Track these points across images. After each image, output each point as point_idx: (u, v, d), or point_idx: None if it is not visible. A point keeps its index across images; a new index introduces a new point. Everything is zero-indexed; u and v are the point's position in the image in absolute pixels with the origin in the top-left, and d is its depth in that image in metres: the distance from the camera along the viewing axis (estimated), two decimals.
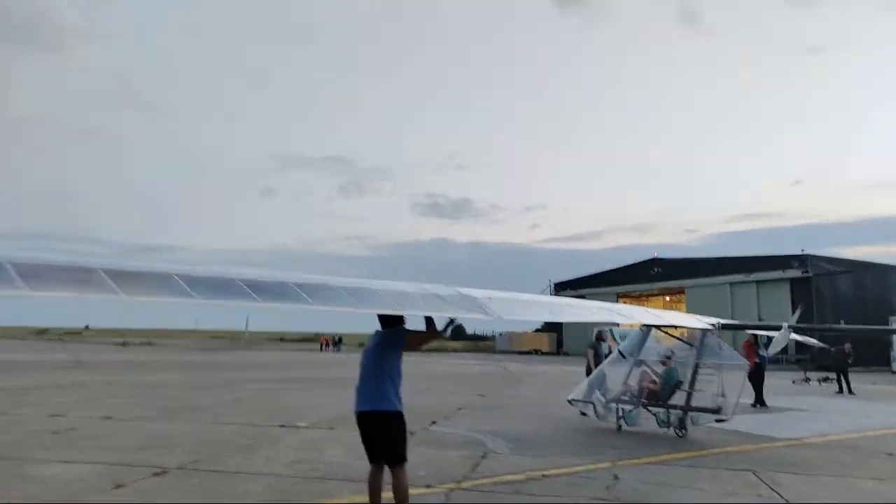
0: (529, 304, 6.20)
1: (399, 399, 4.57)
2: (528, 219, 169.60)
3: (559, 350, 62.79)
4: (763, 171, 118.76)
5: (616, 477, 6.48)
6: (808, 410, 13.26)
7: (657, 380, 9.43)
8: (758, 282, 47.01)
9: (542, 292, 67.92)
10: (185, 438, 8.28)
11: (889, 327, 28.65)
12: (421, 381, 19.94)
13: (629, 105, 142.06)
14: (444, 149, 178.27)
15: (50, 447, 7.56)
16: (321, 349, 57.07)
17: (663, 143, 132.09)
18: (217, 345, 63.53)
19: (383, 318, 4.71)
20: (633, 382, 9.67)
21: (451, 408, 12.25)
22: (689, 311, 53.97)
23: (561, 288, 66.57)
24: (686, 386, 9.15)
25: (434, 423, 10.17)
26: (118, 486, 5.66)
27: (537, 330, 71.62)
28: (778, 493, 5.89)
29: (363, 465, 6.79)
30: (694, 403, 9.07)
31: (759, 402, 13.50)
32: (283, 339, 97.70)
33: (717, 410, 8.92)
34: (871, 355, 32.96)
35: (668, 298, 63.16)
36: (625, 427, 9.58)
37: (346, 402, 12.92)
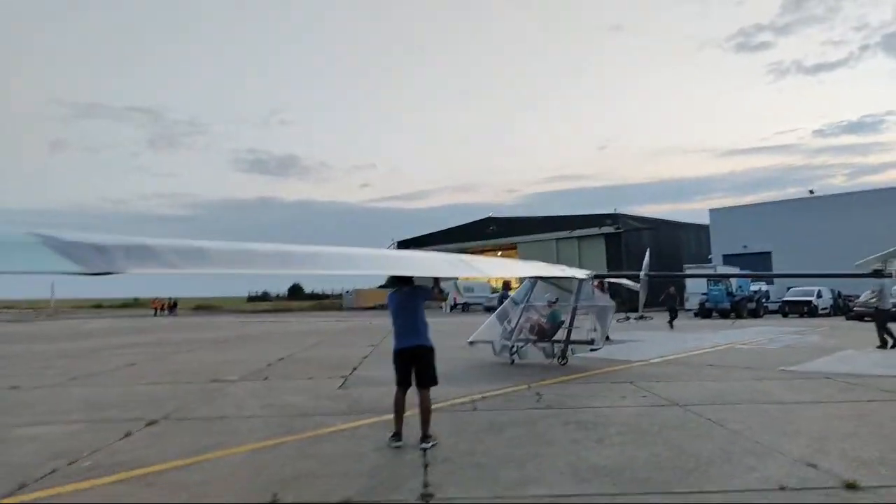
0: (492, 263, 7.62)
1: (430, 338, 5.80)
2: (358, 178, 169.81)
3: None
4: (573, 138, 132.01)
5: (538, 394, 8.22)
6: (643, 341, 16.42)
7: (544, 320, 11.43)
8: (579, 237, 53.06)
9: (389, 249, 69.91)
10: (128, 398, 8.53)
11: (720, 273, 34.92)
12: (306, 337, 20.60)
13: (453, 70, 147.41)
14: (266, 103, 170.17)
15: (2, 413, 7.49)
16: (155, 314, 53.76)
17: (483, 109, 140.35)
18: (13, 315, 56.44)
19: (399, 278, 5.82)
20: (524, 323, 11.59)
21: (356, 357, 13.34)
22: None
23: (405, 245, 68.80)
24: (567, 324, 11.24)
25: (354, 369, 11.26)
26: (128, 435, 6.14)
27: (381, 286, 73.66)
28: (655, 394, 8.03)
29: (327, 404, 7.84)
30: (573, 338, 11.20)
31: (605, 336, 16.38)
32: (99, 305, 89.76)
33: (591, 342, 11.16)
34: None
35: (499, 254, 68.59)
36: (517, 360, 11.49)
37: (245, 359, 13.49)
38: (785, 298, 33.48)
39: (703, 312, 32.60)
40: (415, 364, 5.69)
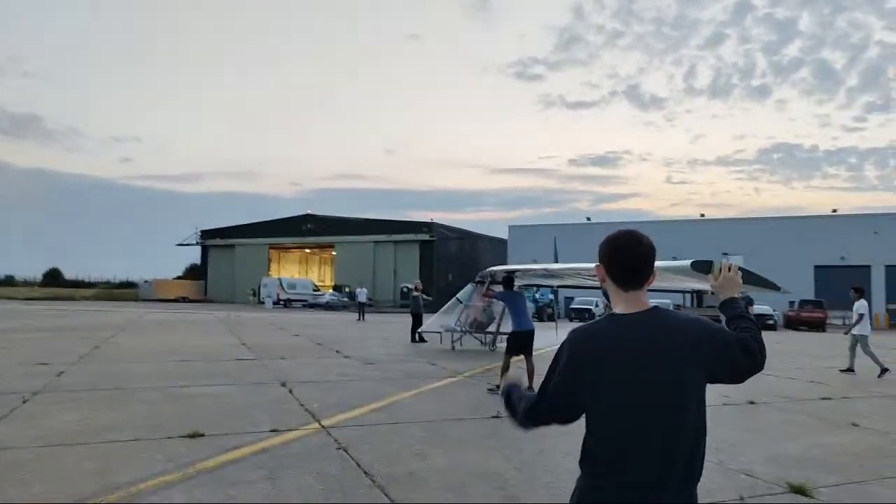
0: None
1: None
2: (118, 151, 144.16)
3: (205, 297, 62.95)
4: (360, 138, 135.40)
5: (519, 367, 11.75)
6: None
7: (483, 316, 15.01)
8: (395, 242, 57.27)
9: (187, 239, 66.58)
10: (211, 372, 10.09)
11: None
12: (196, 327, 21.21)
13: (238, 47, 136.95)
14: (2, 48, 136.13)
15: (148, 378, 8.78)
16: None
17: (269, 95, 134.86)
18: None
19: (509, 282, 8.98)
20: (466, 319, 15.04)
21: (310, 344, 15.46)
22: (339, 265, 61.11)
23: (209, 236, 66.37)
24: (498, 319, 14.93)
25: (338, 351, 13.62)
26: (291, 391, 8.28)
27: (179, 277, 69.78)
28: None
29: (386, 374, 10.45)
30: (501, 330, 14.94)
31: None
32: None
33: None
34: None
35: (307, 251, 69.96)
36: (458, 347, 14.88)
37: (201, 345, 14.62)
38: (572, 306, 41.42)
39: None
40: (528, 340, 8.88)
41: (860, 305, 12.06)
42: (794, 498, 4.65)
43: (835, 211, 46.80)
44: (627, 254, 1.79)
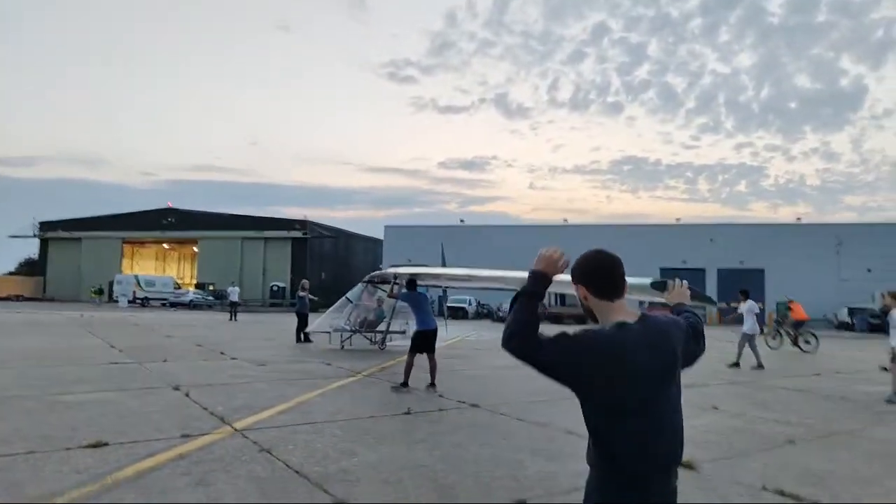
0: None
1: None
2: None
3: (44, 295, 56.65)
4: (223, 129, 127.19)
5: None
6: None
7: (372, 316, 15.08)
8: (266, 239, 55.23)
9: (22, 230, 59.46)
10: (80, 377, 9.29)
11: None
12: (59, 328, 19.17)
13: (90, 25, 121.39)
14: None
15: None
16: None
17: (119, 75, 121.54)
18: None
19: (414, 283, 9.16)
20: (356, 318, 15.03)
21: (189, 344, 14.63)
22: (203, 261, 57.86)
23: (49, 227, 59.81)
24: (388, 319, 15.10)
25: (223, 353, 13.05)
26: (187, 394, 7.92)
27: (11, 273, 62.19)
28: (477, 362, 12.66)
29: (283, 375, 10.25)
30: (392, 329, 15.12)
31: None
32: None
33: (403, 332, 15.25)
34: None
35: (166, 246, 65.34)
36: (347, 347, 14.83)
37: (83, 346, 13.30)
38: (448, 304, 42.45)
39: None
40: (432, 338, 9.11)
41: (752, 306, 12.90)
42: (684, 473, 5.33)
43: (678, 220, 52.13)
44: (608, 273, 2.06)
